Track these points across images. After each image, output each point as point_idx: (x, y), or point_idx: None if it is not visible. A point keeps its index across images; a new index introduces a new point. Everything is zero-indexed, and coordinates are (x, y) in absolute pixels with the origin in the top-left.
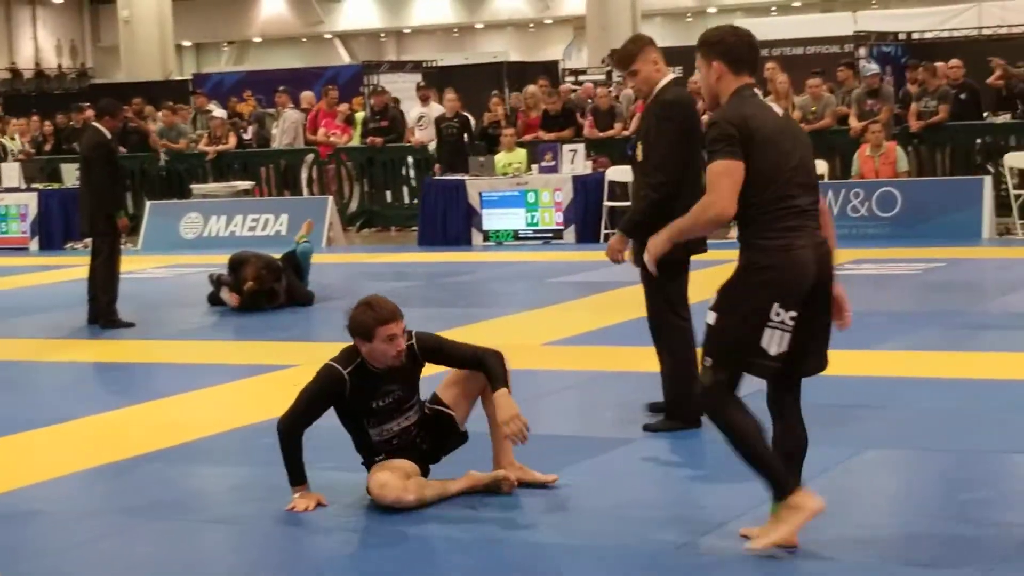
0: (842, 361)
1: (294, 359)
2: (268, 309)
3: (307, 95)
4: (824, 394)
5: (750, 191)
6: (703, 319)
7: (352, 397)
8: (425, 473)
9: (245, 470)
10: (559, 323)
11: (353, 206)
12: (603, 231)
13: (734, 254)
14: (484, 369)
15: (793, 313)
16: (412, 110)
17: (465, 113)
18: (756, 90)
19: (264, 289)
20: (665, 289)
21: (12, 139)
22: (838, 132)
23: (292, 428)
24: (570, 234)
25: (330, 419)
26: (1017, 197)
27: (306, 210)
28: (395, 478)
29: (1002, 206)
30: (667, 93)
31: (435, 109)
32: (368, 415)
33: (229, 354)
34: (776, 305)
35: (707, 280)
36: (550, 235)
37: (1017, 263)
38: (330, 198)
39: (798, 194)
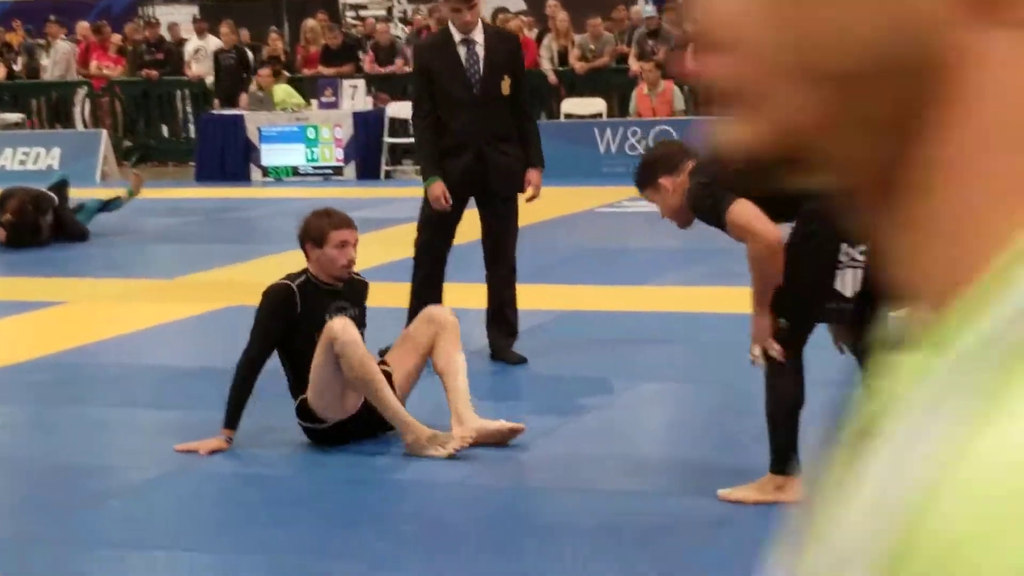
0: (619, 296)
1: (64, 296)
2: (33, 245)
3: (82, 26)
4: (601, 328)
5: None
6: None
7: (304, 312)
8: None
9: (14, 408)
10: None
11: (128, 140)
12: (383, 167)
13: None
14: None
15: (863, 247)
16: (188, 43)
17: (243, 45)
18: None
19: (26, 223)
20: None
21: None
22: (616, 71)
23: (250, 359)
24: (350, 170)
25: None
26: None
27: (79, 144)
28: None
29: None
30: (502, 29)
31: (212, 42)
32: (317, 331)
33: None
34: (843, 245)
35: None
36: (330, 171)
37: None
38: (104, 132)
39: None
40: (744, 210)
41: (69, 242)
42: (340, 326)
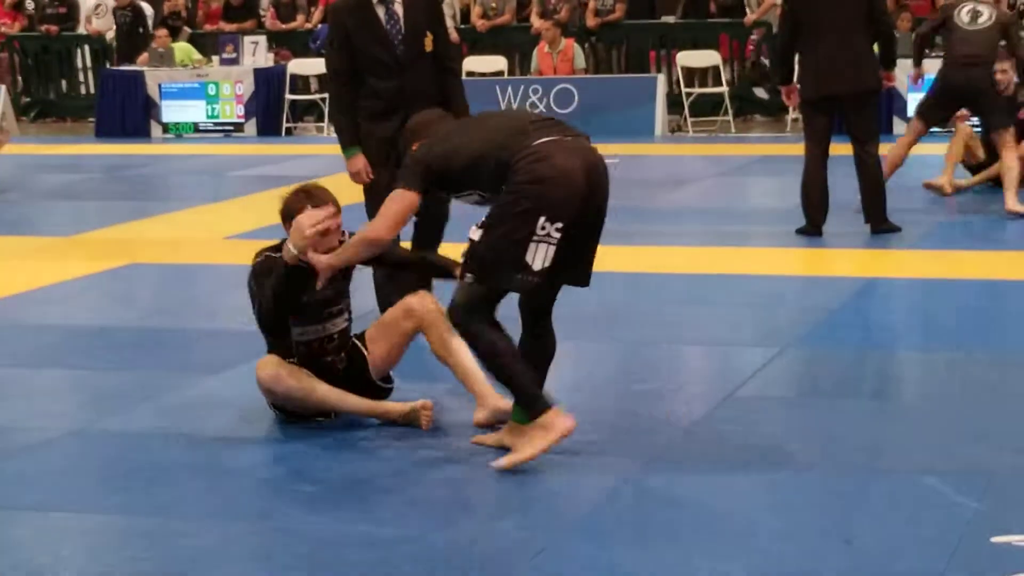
0: None
1: None
2: None
3: None
4: None
5: (477, 170)
6: None
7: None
8: None
9: None
10: (241, 217)
11: (27, 96)
12: (284, 124)
13: None
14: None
15: (559, 225)
16: None
17: (140, 2)
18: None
19: None
20: None
21: None
22: (518, 29)
23: (272, 318)
24: (251, 127)
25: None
26: (688, 95)
27: None
28: (277, 364)
29: (673, 104)
30: None
31: None
32: (296, 310)
33: None
34: (542, 218)
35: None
36: (231, 128)
37: (687, 159)
38: (3, 87)
39: (537, 127)
40: (396, 199)
41: None
42: (260, 369)
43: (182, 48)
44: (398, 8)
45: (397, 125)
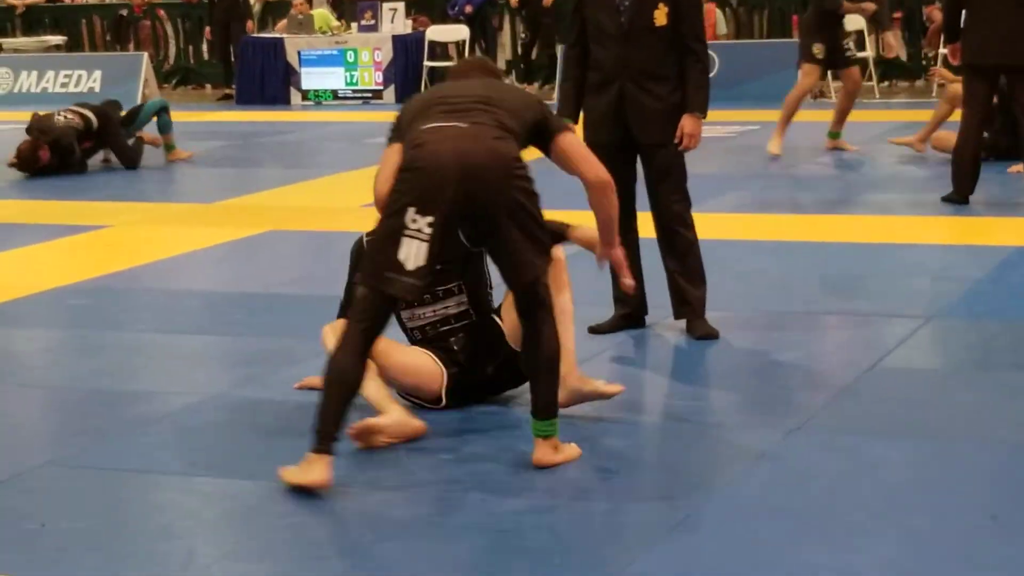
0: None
1: (107, 219)
2: (73, 171)
3: None
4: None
5: None
6: None
7: None
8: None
9: (56, 332)
10: None
11: (170, 63)
12: (423, 91)
13: None
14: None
15: (430, 219)
16: None
17: None
18: None
19: (64, 148)
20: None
21: None
22: None
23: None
24: (390, 94)
25: None
26: None
27: (120, 66)
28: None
29: None
30: None
31: None
32: None
33: (40, 214)
34: (412, 210)
35: None
36: (369, 95)
37: (826, 126)
38: (145, 55)
39: (444, 108)
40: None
41: (118, 168)
42: (324, 334)
43: (321, 15)
44: None
45: (611, 99)
